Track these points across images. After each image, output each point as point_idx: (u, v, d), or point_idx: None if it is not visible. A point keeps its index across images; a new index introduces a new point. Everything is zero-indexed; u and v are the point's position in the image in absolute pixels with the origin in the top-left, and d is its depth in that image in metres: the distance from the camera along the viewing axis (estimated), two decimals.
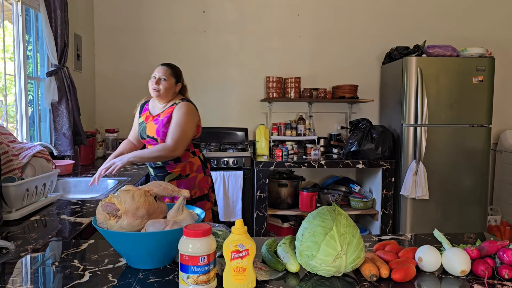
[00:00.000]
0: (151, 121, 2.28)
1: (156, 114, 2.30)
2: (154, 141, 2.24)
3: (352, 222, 1.17)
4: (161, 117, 2.25)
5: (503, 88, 4.22)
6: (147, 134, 2.26)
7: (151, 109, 2.36)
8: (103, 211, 1.19)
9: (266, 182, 3.44)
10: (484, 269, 1.14)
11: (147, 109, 2.37)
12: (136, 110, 2.45)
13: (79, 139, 3.04)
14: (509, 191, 4.06)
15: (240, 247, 1.06)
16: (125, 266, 1.21)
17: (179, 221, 1.23)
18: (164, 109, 2.30)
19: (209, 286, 1.05)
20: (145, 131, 2.28)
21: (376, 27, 4.13)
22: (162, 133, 2.21)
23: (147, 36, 4.00)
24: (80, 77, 3.59)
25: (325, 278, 1.15)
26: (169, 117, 2.23)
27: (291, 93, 3.90)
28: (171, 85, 2.29)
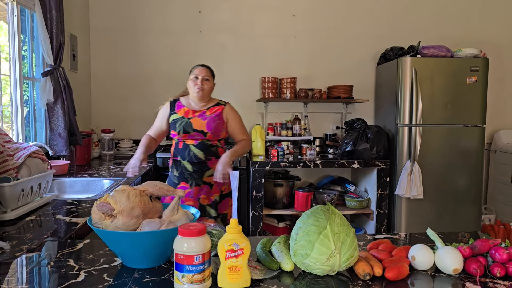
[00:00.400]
0: (196, 116, 2.42)
1: (200, 111, 2.45)
2: (202, 134, 2.40)
3: (346, 221, 1.19)
4: (208, 114, 2.44)
5: (497, 89, 4.25)
6: (194, 128, 2.40)
7: (190, 106, 2.48)
8: (98, 210, 1.19)
9: (262, 182, 3.45)
10: (476, 268, 1.15)
11: (183, 105, 2.48)
12: (162, 107, 2.54)
13: (74, 139, 3.03)
14: (503, 190, 4.09)
15: (235, 246, 1.07)
16: (120, 266, 1.22)
17: (174, 221, 1.24)
18: (208, 106, 2.48)
19: (204, 285, 1.06)
20: (190, 126, 2.40)
21: (371, 27, 4.15)
22: (213, 128, 2.41)
23: (142, 36, 4.00)
24: (76, 78, 3.58)
25: (319, 277, 1.16)
26: (218, 115, 2.45)
27: (286, 93, 3.92)
28: (212, 85, 2.50)
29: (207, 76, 2.45)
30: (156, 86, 4.04)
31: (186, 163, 2.42)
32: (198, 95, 2.42)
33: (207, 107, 2.47)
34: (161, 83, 4.04)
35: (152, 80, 4.03)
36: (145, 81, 4.03)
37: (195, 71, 2.46)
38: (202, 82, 2.42)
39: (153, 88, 4.04)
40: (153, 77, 4.03)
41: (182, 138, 2.42)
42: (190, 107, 2.48)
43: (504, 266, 1.16)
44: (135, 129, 4.04)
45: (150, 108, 4.04)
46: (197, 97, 2.44)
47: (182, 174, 2.43)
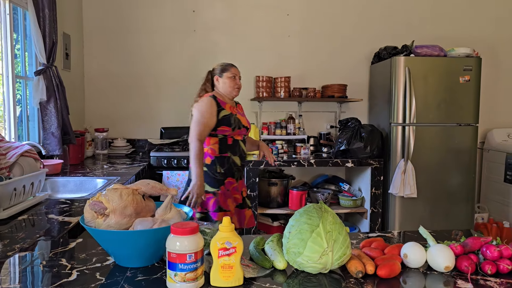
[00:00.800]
0: (238, 113, 2.53)
1: (236, 107, 2.58)
2: (245, 130, 2.53)
3: (339, 220, 1.19)
4: (240, 111, 2.61)
5: (490, 88, 4.27)
6: (243, 124, 2.51)
7: (227, 102, 2.50)
8: (91, 209, 1.19)
9: (256, 181, 3.45)
10: (468, 265, 1.16)
11: (225, 102, 2.49)
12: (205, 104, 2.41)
13: (68, 139, 3.02)
14: (496, 189, 4.12)
15: (228, 245, 1.07)
16: (113, 265, 1.21)
17: (167, 220, 1.23)
18: (236, 103, 2.63)
19: (197, 283, 1.06)
20: (241, 122, 2.49)
21: (365, 27, 4.17)
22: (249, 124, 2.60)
23: (136, 35, 3.99)
24: (69, 76, 3.57)
25: (312, 275, 1.17)
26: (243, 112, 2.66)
27: (281, 93, 3.92)
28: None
29: (240, 76, 2.60)
30: (150, 85, 4.03)
31: (236, 158, 2.48)
32: (236, 93, 2.53)
33: (236, 104, 2.62)
34: (155, 82, 4.03)
35: (146, 79, 4.02)
36: (139, 80, 4.02)
37: (233, 70, 2.53)
38: (239, 82, 2.56)
39: (147, 87, 4.03)
40: (147, 76, 4.02)
41: (233, 134, 2.44)
42: (228, 103, 2.51)
43: (495, 263, 1.17)
44: (129, 128, 4.03)
45: (144, 107, 4.04)
46: (235, 95, 2.54)
47: (230, 169, 2.46)
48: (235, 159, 2.47)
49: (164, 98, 4.05)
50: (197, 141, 2.33)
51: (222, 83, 2.51)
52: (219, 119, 2.41)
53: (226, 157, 2.44)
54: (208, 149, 2.46)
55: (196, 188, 2.29)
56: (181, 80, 4.06)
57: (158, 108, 4.05)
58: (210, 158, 2.45)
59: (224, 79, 2.51)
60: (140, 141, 4.02)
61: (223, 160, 2.44)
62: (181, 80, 4.06)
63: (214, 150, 2.44)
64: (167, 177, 3.32)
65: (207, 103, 2.41)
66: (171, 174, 3.33)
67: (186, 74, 4.05)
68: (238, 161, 2.49)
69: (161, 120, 4.04)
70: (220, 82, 2.52)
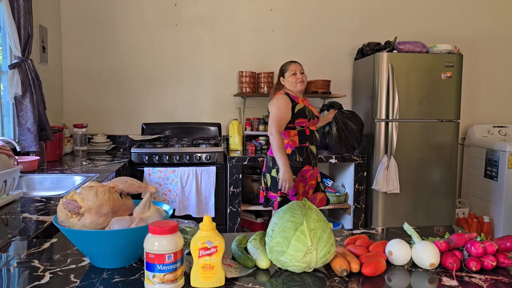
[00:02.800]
0: (309, 105, 2.87)
1: (305, 100, 2.90)
2: (317, 120, 2.90)
3: (323, 217, 1.16)
4: (309, 103, 2.91)
5: (471, 84, 4.31)
6: (315, 114, 2.85)
7: (298, 97, 2.82)
8: (64, 208, 1.14)
9: (240, 178, 3.42)
10: (453, 262, 1.15)
11: (297, 96, 2.81)
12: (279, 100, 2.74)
13: (44, 135, 2.93)
14: (476, 184, 4.17)
15: (208, 244, 1.03)
16: (88, 266, 1.16)
17: (145, 218, 1.19)
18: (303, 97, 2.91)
19: (176, 284, 1.02)
20: (313, 113, 2.83)
21: (348, 22, 4.15)
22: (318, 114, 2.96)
23: (117, 28, 3.89)
24: (46, 70, 3.46)
25: (296, 274, 1.13)
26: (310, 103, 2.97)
27: (264, 88, 3.88)
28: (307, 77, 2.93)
29: (302, 69, 2.86)
30: (131, 79, 3.94)
31: (313, 147, 2.82)
32: (300, 87, 2.80)
33: (304, 97, 2.92)
34: (136, 77, 3.95)
35: (126, 73, 3.94)
36: (119, 75, 3.93)
37: (291, 67, 2.83)
38: (302, 76, 2.82)
39: (127, 82, 3.94)
40: (128, 70, 3.94)
41: (309, 124, 2.79)
42: (299, 97, 2.83)
43: (480, 260, 1.16)
44: (109, 124, 3.94)
45: (125, 102, 3.96)
46: (300, 89, 2.81)
47: (308, 158, 2.79)
48: (312, 148, 2.80)
49: (146, 93, 3.97)
50: (277, 133, 2.66)
51: (287, 82, 2.83)
52: (295, 113, 2.73)
53: (305, 147, 2.77)
54: (289, 140, 2.78)
55: (286, 175, 2.62)
56: (163, 75, 3.98)
57: (139, 104, 3.97)
58: (291, 149, 2.77)
59: (287, 78, 2.83)
60: (121, 137, 3.94)
61: (302, 150, 2.77)
62: (163, 75, 3.98)
63: (294, 141, 2.77)
64: (148, 174, 3.26)
65: (283, 100, 2.74)
66: (152, 171, 3.27)
67: (168, 69, 3.98)
68: (314, 149, 2.83)
69: (143, 115, 3.97)
70: (285, 82, 2.84)
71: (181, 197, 3.29)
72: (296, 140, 2.78)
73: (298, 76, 2.80)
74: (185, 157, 3.35)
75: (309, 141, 2.80)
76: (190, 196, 3.30)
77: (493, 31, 4.34)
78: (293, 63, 2.86)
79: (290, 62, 2.88)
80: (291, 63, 2.86)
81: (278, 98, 2.76)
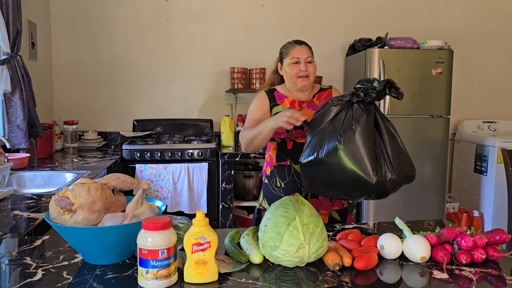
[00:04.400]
0: (305, 108, 1.94)
1: (308, 100, 1.96)
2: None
3: (315, 212, 1.17)
4: (318, 103, 1.95)
5: (461, 80, 4.35)
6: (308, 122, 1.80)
7: (293, 95, 1.98)
8: (57, 205, 1.13)
9: (232, 174, 3.42)
10: (443, 255, 1.16)
11: (285, 96, 1.96)
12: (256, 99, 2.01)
13: (35, 131, 2.90)
14: (466, 179, 4.21)
15: (201, 240, 1.04)
16: (81, 263, 1.16)
17: (138, 214, 1.19)
18: (316, 93, 1.98)
19: (170, 280, 1.02)
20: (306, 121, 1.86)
21: (340, 18, 4.16)
22: None
23: (107, 24, 3.86)
24: (36, 67, 3.42)
25: (289, 268, 1.14)
26: None
27: (256, 84, 3.88)
28: (316, 66, 1.96)
29: (310, 56, 1.93)
30: (122, 76, 3.92)
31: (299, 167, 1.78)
32: (301, 83, 1.92)
33: (314, 95, 1.98)
34: (127, 73, 3.92)
35: (117, 70, 3.91)
36: (110, 71, 3.90)
37: (293, 52, 1.93)
38: (306, 66, 1.91)
39: (118, 78, 3.92)
40: (119, 66, 3.91)
41: (293, 136, 1.90)
42: (294, 96, 1.97)
43: (470, 253, 1.18)
44: (100, 121, 3.91)
45: (116, 99, 3.93)
46: (301, 86, 1.93)
47: (293, 183, 1.91)
48: (297, 168, 1.87)
49: (137, 89, 3.95)
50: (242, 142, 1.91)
51: (284, 73, 1.97)
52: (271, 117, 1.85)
53: (286, 166, 1.92)
54: (268, 156, 2.02)
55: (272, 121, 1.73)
56: (155, 71, 3.96)
57: (130, 100, 3.95)
58: (270, 169, 1.99)
59: (285, 68, 1.95)
60: (112, 133, 3.92)
61: (282, 170, 1.92)
62: (155, 71, 3.96)
63: (272, 157, 1.98)
64: (140, 171, 3.25)
65: (256, 99, 2.00)
66: (144, 168, 3.26)
67: (160, 65, 3.96)
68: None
69: (134, 112, 3.94)
70: (283, 72, 1.99)
71: (173, 193, 3.28)
72: (273, 156, 1.97)
73: (301, 66, 1.90)
74: (176, 154, 3.35)
75: (291, 158, 1.92)
76: (182, 192, 3.30)
77: (483, 27, 4.37)
78: (297, 46, 1.94)
79: (293, 44, 1.96)
80: (293, 45, 1.95)
81: (256, 96, 2.04)
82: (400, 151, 1.60)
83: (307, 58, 1.92)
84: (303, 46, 1.95)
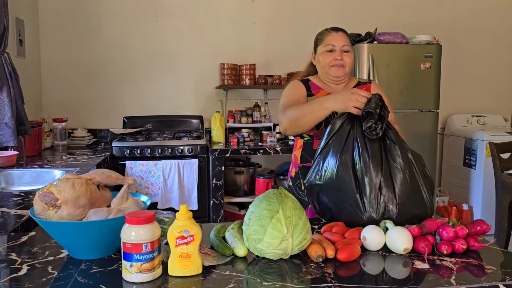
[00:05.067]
0: None
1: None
2: None
3: (299, 204, 1.18)
4: None
5: (450, 75, 4.38)
6: None
7: (327, 88, 1.84)
8: (41, 201, 1.13)
9: (222, 170, 3.43)
10: (424, 246, 1.18)
11: (319, 87, 1.84)
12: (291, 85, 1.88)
13: (23, 129, 2.88)
14: (455, 173, 4.26)
15: (185, 233, 1.04)
16: (67, 258, 1.16)
17: (123, 209, 1.19)
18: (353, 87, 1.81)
19: (154, 273, 1.03)
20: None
21: (329, 13, 4.17)
22: None
23: (96, 20, 3.84)
24: (24, 64, 3.40)
25: (273, 261, 1.15)
26: None
27: (246, 80, 3.89)
28: (353, 56, 1.83)
29: (347, 44, 1.78)
30: (111, 73, 3.91)
31: None
32: (335, 73, 1.77)
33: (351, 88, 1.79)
34: (116, 69, 3.91)
35: (107, 66, 3.89)
36: (99, 68, 3.88)
37: (329, 39, 1.79)
38: (341, 55, 1.77)
39: (108, 75, 3.90)
40: (108, 63, 3.89)
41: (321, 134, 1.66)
42: (330, 89, 1.83)
43: (451, 243, 1.20)
44: (90, 118, 3.90)
45: (106, 96, 3.92)
46: (336, 77, 1.78)
47: None
48: None
49: (126, 86, 3.94)
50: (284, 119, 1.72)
51: (317, 62, 1.85)
52: None
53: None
54: (293, 155, 1.88)
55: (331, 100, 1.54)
56: (144, 68, 3.95)
57: (120, 97, 3.94)
58: (295, 170, 1.86)
59: (318, 57, 1.83)
60: (102, 131, 3.90)
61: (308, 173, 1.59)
62: (144, 68, 3.95)
63: (297, 157, 1.85)
64: (130, 168, 3.24)
65: (290, 85, 1.86)
66: (134, 164, 3.25)
67: (150, 61, 3.95)
68: None
69: (124, 109, 3.94)
70: (316, 61, 1.87)
71: (164, 190, 3.28)
72: (298, 156, 1.84)
73: (336, 55, 1.76)
74: (167, 150, 3.35)
75: None
76: (172, 189, 3.30)
77: (472, 21, 4.41)
78: (333, 32, 1.81)
79: (330, 30, 1.83)
80: (331, 32, 1.81)
81: (288, 85, 1.91)
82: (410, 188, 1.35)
83: (344, 47, 1.78)
84: (340, 33, 1.81)
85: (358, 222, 1.34)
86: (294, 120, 1.66)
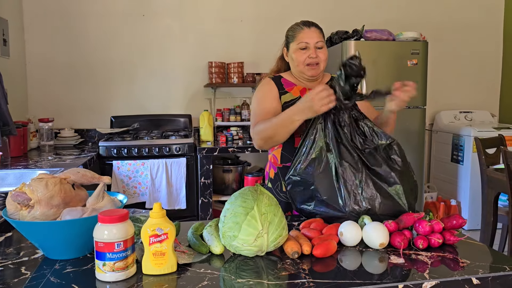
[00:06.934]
0: None
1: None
2: None
3: (275, 201, 1.18)
4: None
5: (436, 71, 4.40)
6: None
7: (301, 84, 1.77)
8: (13, 201, 1.12)
9: (210, 168, 3.42)
10: (400, 241, 1.18)
11: (293, 84, 1.76)
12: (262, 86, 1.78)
13: (7, 130, 2.85)
14: (443, 168, 4.28)
15: (159, 231, 1.04)
16: (41, 258, 1.15)
17: (98, 208, 1.18)
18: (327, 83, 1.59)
19: (127, 272, 1.03)
20: None
21: (317, 11, 4.17)
22: None
23: (82, 20, 3.81)
24: (8, 64, 3.37)
25: (249, 258, 1.15)
26: None
27: (234, 78, 3.88)
28: (327, 53, 1.75)
29: (321, 40, 1.71)
30: (98, 72, 3.88)
31: None
32: (310, 72, 1.70)
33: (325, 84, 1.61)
34: (103, 69, 3.88)
35: (93, 66, 3.87)
36: (86, 67, 3.86)
37: (301, 36, 1.70)
38: (316, 52, 1.69)
39: (95, 74, 3.88)
40: (95, 63, 3.87)
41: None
42: (304, 85, 1.77)
43: (427, 238, 1.20)
44: (76, 118, 3.87)
45: (93, 95, 3.89)
46: (310, 76, 1.72)
47: None
48: None
49: (114, 85, 3.91)
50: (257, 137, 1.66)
51: (290, 60, 1.76)
52: (282, 106, 1.70)
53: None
54: (271, 156, 1.79)
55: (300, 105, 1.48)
56: (131, 67, 3.93)
57: (107, 96, 3.91)
58: (274, 171, 1.78)
59: (291, 54, 1.74)
60: (89, 131, 3.88)
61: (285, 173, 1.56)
62: (131, 67, 3.93)
63: (276, 157, 1.76)
64: (117, 167, 3.23)
65: (261, 86, 1.77)
66: (121, 164, 3.24)
67: (137, 60, 3.93)
68: None
69: (111, 108, 3.91)
70: (289, 59, 1.77)
71: (152, 189, 3.27)
72: (278, 156, 1.75)
73: (311, 52, 1.69)
74: (154, 149, 3.33)
75: None
76: (160, 188, 3.29)
77: (458, 19, 4.43)
78: (305, 28, 1.73)
79: (301, 26, 1.75)
80: (303, 28, 1.73)
81: (259, 85, 1.80)
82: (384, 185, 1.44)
83: (318, 43, 1.70)
84: (312, 28, 1.73)
85: (337, 218, 1.35)
86: (268, 138, 1.61)
